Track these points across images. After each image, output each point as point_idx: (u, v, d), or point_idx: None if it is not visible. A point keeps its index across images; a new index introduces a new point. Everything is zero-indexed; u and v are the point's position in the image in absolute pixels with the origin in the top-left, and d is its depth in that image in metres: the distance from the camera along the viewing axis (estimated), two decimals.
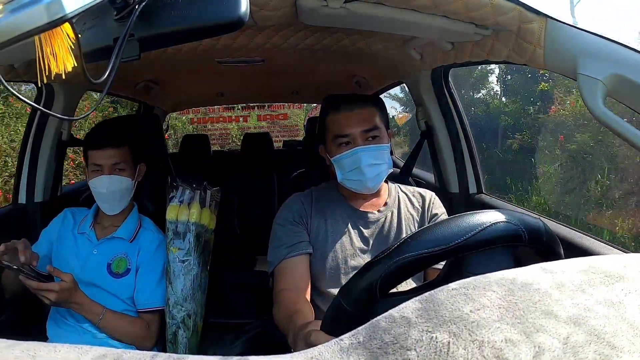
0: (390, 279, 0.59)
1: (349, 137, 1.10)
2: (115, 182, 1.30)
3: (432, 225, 0.62)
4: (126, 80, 2.20)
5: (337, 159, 1.12)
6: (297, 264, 1.10)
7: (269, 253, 1.15)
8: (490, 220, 0.59)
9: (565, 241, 1.10)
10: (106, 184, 1.29)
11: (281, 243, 1.12)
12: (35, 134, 1.72)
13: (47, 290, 1.10)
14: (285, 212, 1.18)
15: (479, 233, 0.58)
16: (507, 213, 0.61)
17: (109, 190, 1.29)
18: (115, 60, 0.49)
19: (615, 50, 0.78)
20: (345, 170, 1.11)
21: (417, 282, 1.18)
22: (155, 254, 1.34)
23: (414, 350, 0.31)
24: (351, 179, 1.11)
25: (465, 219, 0.60)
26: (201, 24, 0.48)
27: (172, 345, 1.25)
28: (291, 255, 1.10)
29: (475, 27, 1.03)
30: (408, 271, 0.60)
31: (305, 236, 1.14)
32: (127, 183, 1.32)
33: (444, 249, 0.58)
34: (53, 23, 0.40)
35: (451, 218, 0.61)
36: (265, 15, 1.01)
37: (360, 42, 1.54)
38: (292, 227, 1.14)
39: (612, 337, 0.32)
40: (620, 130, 0.76)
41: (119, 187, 1.30)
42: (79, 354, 0.33)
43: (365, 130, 1.09)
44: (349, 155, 1.09)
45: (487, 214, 0.60)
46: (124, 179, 1.31)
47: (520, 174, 6.91)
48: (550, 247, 0.63)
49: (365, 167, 1.08)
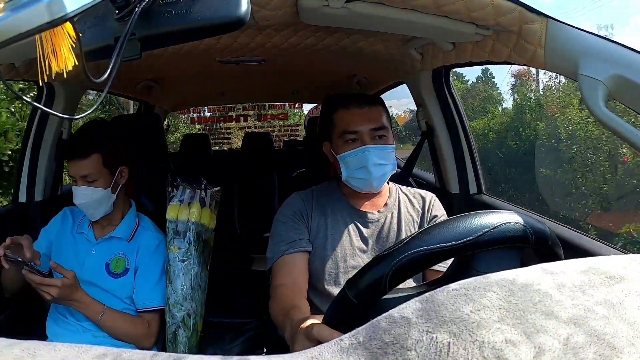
0: (401, 273, 0.59)
1: (357, 134, 1.10)
2: (85, 195, 1.27)
3: (444, 222, 0.61)
4: (127, 79, 2.20)
5: (343, 157, 1.12)
6: (295, 260, 1.10)
7: (269, 249, 1.15)
8: (501, 221, 0.59)
9: (565, 242, 1.10)
10: (78, 195, 1.28)
11: (281, 239, 1.12)
12: (36, 132, 1.72)
13: (49, 286, 1.10)
14: (286, 210, 1.18)
15: (489, 232, 0.58)
16: (516, 214, 0.61)
17: (80, 201, 1.28)
18: (116, 60, 0.49)
19: (616, 51, 0.78)
20: (351, 168, 1.11)
21: (416, 282, 1.18)
22: (155, 253, 1.34)
23: (414, 350, 0.31)
24: (357, 177, 1.12)
25: (477, 218, 0.60)
26: (202, 23, 0.48)
27: (172, 344, 1.25)
28: (290, 251, 1.10)
29: (476, 27, 1.03)
30: (419, 265, 0.60)
31: (305, 234, 1.14)
32: (97, 194, 1.28)
33: (455, 245, 0.58)
34: (54, 22, 0.40)
35: (462, 216, 0.61)
36: (266, 14, 1.01)
37: (361, 41, 1.54)
38: (293, 224, 1.14)
39: (612, 338, 0.32)
40: (621, 131, 0.76)
41: (89, 198, 1.27)
42: (78, 352, 0.33)
43: (373, 128, 1.10)
44: (357, 154, 1.10)
45: (497, 214, 0.61)
46: (95, 190, 1.27)
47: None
48: (552, 250, 0.63)
49: (372, 166, 1.09)
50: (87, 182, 1.27)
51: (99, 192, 1.28)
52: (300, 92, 3.28)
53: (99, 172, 1.28)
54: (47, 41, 0.45)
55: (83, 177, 1.27)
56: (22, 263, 1.07)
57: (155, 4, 0.49)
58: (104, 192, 1.29)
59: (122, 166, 1.35)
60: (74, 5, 0.41)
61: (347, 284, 0.63)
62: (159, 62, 1.80)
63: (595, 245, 1.09)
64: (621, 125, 0.76)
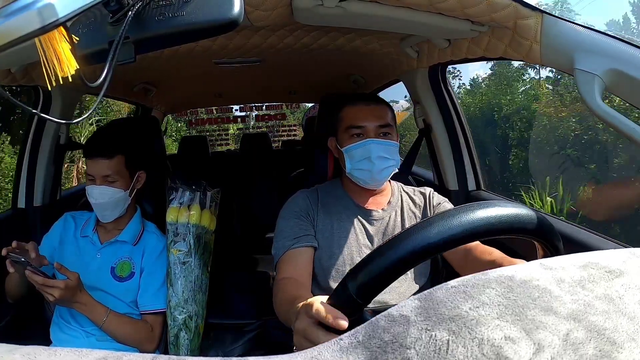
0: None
1: (363, 129, 1.13)
2: (105, 194, 1.27)
3: (449, 211, 0.58)
4: (123, 82, 2.20)
5: (348, 149, 1.15)
6: (301, 255, 1.10)
7: (274, 247, 1.15)
8: (514, 212, 0.57)
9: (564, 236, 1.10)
10: (96, 194, 1.27)
11: (286, 235, 1.13)
12: (34, 137, 1.71)
13: (52, 287, 1.10)
14: (291, 206, 1.19)
15: (498, 222, 0.55)
16: (520, 206, 0.59)
17: (98, 201, 1.28)
18: (110, 63, 0.48)
19: (612, 44, 0.78)
20: (355, 159, 1.14)
21: (421, 277, 1.18)
22: (160, 256, 1.34)
23: (413, 348, 0.31)
24: (360, 168, 1.14)
25: (485, 208, 0.56)
26: (195, 25, 0.48)
27: (174, 347, 1.25)
28: (296, 246, 1.10)
29: (471, 24, 1.03)
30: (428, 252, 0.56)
31: (310, 230, 1.15)
32: (118, 195, 1.28)
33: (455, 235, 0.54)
34: (46, 28, 0.40)
35: (468, 205, 0.58)
36: (260, 15, 1.01)
37: (357, 40, 1.54)
38: (298, 220, 1.15)
39: (612, 333, 0.32)
40: (618, 126, 0.76)
41: (108, 198, 1.28)
42: (79, 357, 0.33)
43: (379, 125, 1.14)
44: (361, 146, 1.13)
45: (507, 206, 0.58)
46: (115, 191, 1.28)
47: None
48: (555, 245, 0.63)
49: (376, 158, 1.11)
50: (107, 182, 1.27)
51: (118, 193, 1.29)
52: (297, 92, 3.28)
53: (120, 174, 1.29)
54: (48, 46, 0.45)
55: (104, 177, 1.27)
56: (25, 264, 1.08)
57: (149, 7, 0.49)
58: (123, 194, 1.30)
59: (140, 171, 1.36)
60: (65, 10, 0.41)
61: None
62: (155, 64, 1.80)
63: (594, 239, 1.09)
64: (618, 119, 0.76)
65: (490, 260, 0.96)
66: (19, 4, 0.40)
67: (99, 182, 1.27)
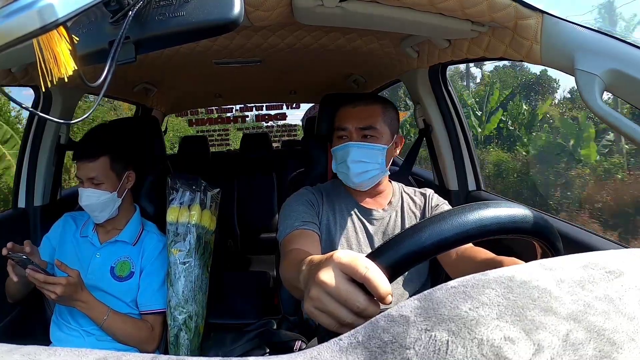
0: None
1: (346, 131, 1.14)
2: (92, 196, 1.28)
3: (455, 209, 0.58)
4: (124, 82, 2.20)
5: (334, 150, 1.17)
6: (309, 236, 1.08)
7: (279, 231, 1.12)
8: (513, 213, 0.57)
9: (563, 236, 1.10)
10: (84, 196, 1.28)
11: (293, 218, 1.11)
12: (34, 137, 1.71)
13: (54, 284, 1.10)
14: (297, 197, 1.19)
15: (496, 223, 0.56)
16: (521, 207, 0.59)
17: (85, 203, 1.28)
18: (111, 63, 0.48)
19: (613, 44, 0.78)
20: (337, 161, 1.16)
21: (420, 278, 1.18)
22: (160, 256, 1.34)
23: (412, 349, 0.31)
24: (340, 171, 1.16)
25: (485, 209, 0.56)
26: (195, 25, 0.48)
27: (174, 347, 1.25)
28: (302, 227, 1.09)
29: (471, 24, 1.03)
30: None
31: (316, 220, 1.15)
32: (104, 196, 1.28)
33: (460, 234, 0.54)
34: (46, 27, 0.40)
35: (471, 205, 0.58)
36: (260, 15, 1.01)
37: (357, 40, 1.54)
38: (305, 207, 1.15)
39: (612, 334, 0.32)
40: (618, 126, 0.76)
41: (95, 200, 1.28)
42: (79, 357, 0.33)
43: (361, 127, 1.13)
44: (342, 148, 1.14)
45: (506, 206, 0.58)
46: (102, 193, 1.28)
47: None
48: (555, 246, 0.63)
49: (351, 162, 1.11)
50: (93, 185, 1.27)
51: (105, 195, 1.29)
52: (298, 92, 3.28)
53: (105, 175, 1.28)
54: (46, 46, 0.45)
55: (90, 179, 1.27)
56: (27, 262, 1.07)
57: (149, 7, 0.49)
58: (110, 195, 1.29)
59: (129, 171, 1.35)
60: (65, 10, 0.40)
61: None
62: (155, 64, 1.80)
63: (594, 240, 1.09)
64: (619, 120, 0.76)
65: (483, 259, 0.95)
66: (19, 4, 0.40)
67: (86, 184, 1.28)
